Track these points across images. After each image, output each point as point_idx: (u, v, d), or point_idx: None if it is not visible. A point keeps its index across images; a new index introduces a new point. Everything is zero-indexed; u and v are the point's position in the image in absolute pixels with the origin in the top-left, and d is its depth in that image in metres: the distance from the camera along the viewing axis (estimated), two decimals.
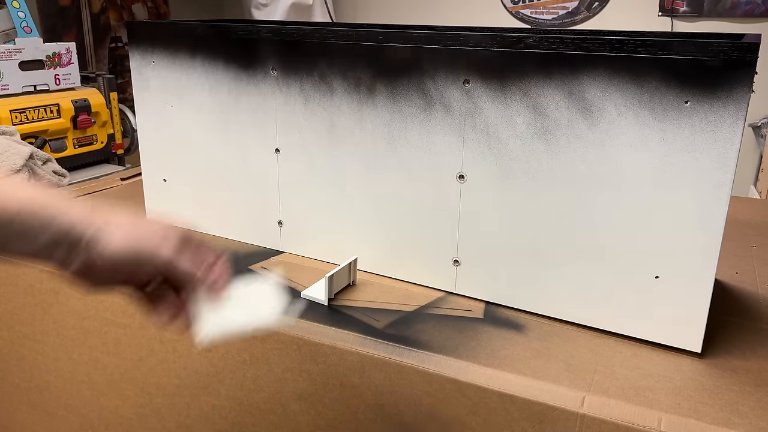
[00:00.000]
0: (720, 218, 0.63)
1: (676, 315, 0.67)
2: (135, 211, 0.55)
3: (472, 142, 0.74)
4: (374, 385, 0.69)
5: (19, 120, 1.21)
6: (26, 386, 1.01)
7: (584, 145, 0.68)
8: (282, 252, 0.94)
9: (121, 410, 0.91)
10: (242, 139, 0.92)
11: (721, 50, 0.59)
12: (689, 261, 0.65)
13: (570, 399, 0.60)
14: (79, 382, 0.94)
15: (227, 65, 0.90)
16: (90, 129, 1.34)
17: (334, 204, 0.87)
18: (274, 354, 0.75)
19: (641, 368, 0.65)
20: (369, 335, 0.71)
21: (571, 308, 0.73)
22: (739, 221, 1.09)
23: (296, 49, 0.83)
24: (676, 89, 0.62)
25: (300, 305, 0.76)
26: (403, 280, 0.85)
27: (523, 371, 0.64)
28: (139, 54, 0.99)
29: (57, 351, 0.95)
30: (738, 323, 0.75)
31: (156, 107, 1.00)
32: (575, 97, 0.67)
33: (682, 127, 0.62)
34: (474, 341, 0.70)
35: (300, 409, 0.75)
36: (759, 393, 0.61)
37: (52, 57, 1.31)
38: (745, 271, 0.90)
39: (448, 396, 0.65)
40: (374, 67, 0.78)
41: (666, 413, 0.58)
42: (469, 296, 0.80)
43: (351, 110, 0.81)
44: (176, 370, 0.83)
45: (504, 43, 0.69)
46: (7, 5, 1.30)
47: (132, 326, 0.85)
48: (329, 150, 0.85)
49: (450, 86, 0.74)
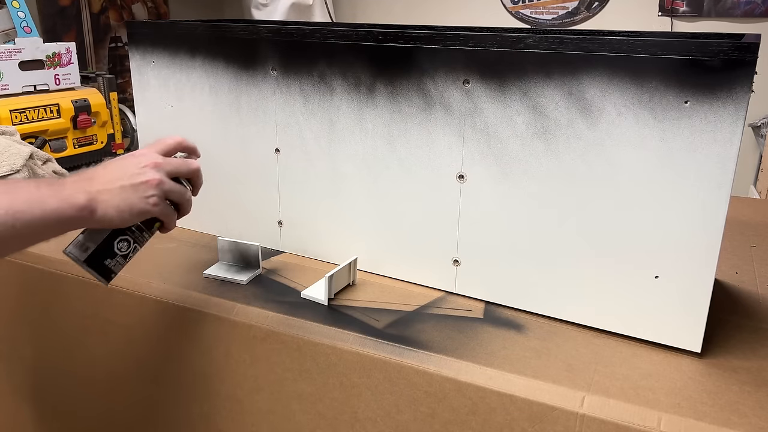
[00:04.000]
0: (720, 218, 0.63)
1: (676, 315, 0.67)
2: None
3: (472, 142, 0.74)
4: (374, 385, 0.69)
5: (19, 120, 1.21)
6: (27, 386, 1.02)
7: (584, 145, 0.68)
8: (282, 252, 0.94)
9: (121, 410, 0.91)
10: (242, 139, 0.92)
11: (721, 50, 0.59)
12: (689, 261, 0.65)
13: (570, 399, 0.60)
14: (80, 382, 0.94)
15: (227, 65, 0.90)
16: (90, 129, 1.34)
17: (334, 204, 0.87)
18: (274, 354, 0.75)
19: (641, 368, 0.65)
20: (369, 335, 0.71)
21: (571, 308, 0.73)
22: (739, 221, 1.09)
23: (296, 49, 0.83)
24: (675, 89, 0.62)
25: None
26: (403, 280, 0.85)
27: (523, 371, 0.64)
28: (139, 54, 0.99)
29: (57, 351, 0.95)
30: (738, 323, 0.75)
31: (156, 107, 1.00)
32: (575, 97, 0.67)
33: (681, 127, 0.62)
34: (474, 341, 0.70)
35: (300, 409, 0.75)
36: (759, 393, 0.61)
37: (52, 57, 1.31)
38: (745, 271, 0.90)
39: (448, 396, 0.65)
40: (374, 67, 0.78)
41: (666, 413, 0.58)
42: (469, 296, 0.80)
43: (351, 110, 0.81)
44: (176, 370, 0.83)
45: (504, 43, 0.69)
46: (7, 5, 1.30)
47: (132, 326, 0.85)
48: (329, 150, 0.85)
49: (450, 86, 0.74)
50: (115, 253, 0.66)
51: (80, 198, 0.58)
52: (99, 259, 0.65)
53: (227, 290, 0.81)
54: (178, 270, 0.87)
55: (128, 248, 0.66)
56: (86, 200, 0.58)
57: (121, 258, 0.66)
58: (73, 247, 0.65)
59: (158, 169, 0.63)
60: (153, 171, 0.63)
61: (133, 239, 0.66)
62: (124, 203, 0.60)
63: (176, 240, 0.98)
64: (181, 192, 0.66)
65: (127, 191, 0.61)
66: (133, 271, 0.86)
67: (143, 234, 0.67)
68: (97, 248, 0.65)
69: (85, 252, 0.64)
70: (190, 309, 0.79)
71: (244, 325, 0.76)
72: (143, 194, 0.62)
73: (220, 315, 0.77)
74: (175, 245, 0.96)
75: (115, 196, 0.60)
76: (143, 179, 0.62)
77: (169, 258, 0.92)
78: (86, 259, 0.64)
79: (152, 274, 0.86)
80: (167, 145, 0.67)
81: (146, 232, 0.67)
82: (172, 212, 0.66)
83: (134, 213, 0.62)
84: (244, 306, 0.77)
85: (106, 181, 0.60)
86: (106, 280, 0.66)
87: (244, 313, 0.77)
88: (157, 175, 0.63)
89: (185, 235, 1.01)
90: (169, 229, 0.68)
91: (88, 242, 0.65)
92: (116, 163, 0.63)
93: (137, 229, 0.66)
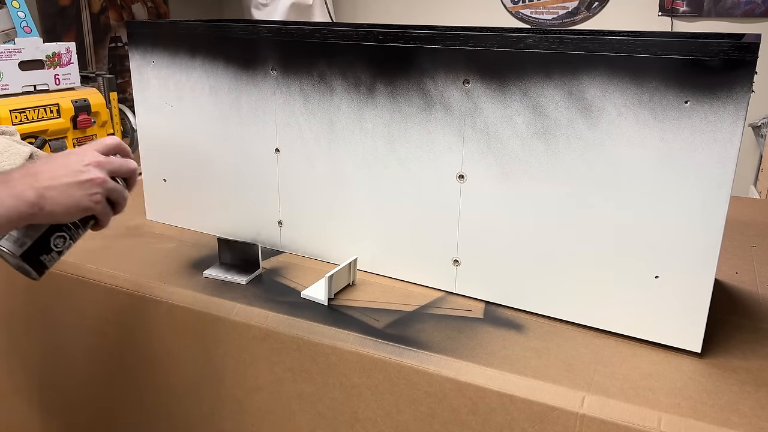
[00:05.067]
0: (720, 218, 0.63)
1: (676, 315, 0.67)
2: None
3: (472, 142, 0.74)
4: (374, 385, 0.69)
5: (19, 120, 1.21)
6: (27, 386, 1.02)
7: (584, 145, 0.68)
8: (282, 252, 0.94)
9: (121, 410, 0.91)
10: (242, 139, 0.92)
11: (721, 50, 0.59)
12: (689, 261, 0.65)
13: (570, 399, 0.60)
14: (80, 382, 0.94)
15: (227, 65, 0.90)
16: (90, 129, 1.34)
17: (334, 204, 0.87)
18: (274, 354, 0.75)
19: (641, 368, 0.65)
20: (369, 335, 0.71)
21: (571, 308, 0.73)
22: (739, 221, 1.09)
23: (296, 49, 0.83)
24: (675, 89, 0.62)
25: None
26: (403, 280, 0.85)
27: (523, 371, 0.64)
28: (139, 54, 0.99)
29: (57, 351, 0.95)
30: (738, 323, 0.75)
31: (156, 107, 1.00)
32: (575, 97, 0.67)
33: (682, 127, 0.62)
34: (474, 341, 0.70)
35: (300, 409, 0.75)
36: (759, 393, 0.61)
37: (52, 57, 1.31)
38: (745, 271, 0.90)
39: (448, 396, 0.65)
40: (374, 67, 0.78)
41: (666, 413, 0.58)
42: (469, 296, 0.80)
43: (351, 110, 0.81)
44: (176, 370, 0.83)
45: (504, 43, 0.69)
46: (7, 5, 1.30)
47: (132, 326, 0.85)
48: (329, 150, 0.85)
49: (450, 86, 0.74)
50: (51, 249, 0.66)
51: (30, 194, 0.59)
52: (35, 254, 0.65)
53: (227, 290, 0.81)
54: (178, 270, 0.87)
55: (63, 244, 0.67)
56: (35, 196, 0.59)
57: (56, 254, 0.66)
58: (6, 241, 0.64)
59: (101, 168, 0.64)
60: (97, 170, 0.64)
61: (69, 236, 0.67)
62: (70, 200, 0.61)
63: (176, 240, 0.98)
64: (120, 191, 0.67)
65: (72, 188, 0.61)
66: (133, 272, 0.86)
67: (78, 230, 0.67)
68: (33, 243, 0.64)
69: (21, 247, 0.64)
70: (190, 309, 0.79)
71: (244, 325, 0.76)
72: (87, 191, 0.62)
73: (220, 315, 0.77)
74: (175, 245, 0.96)
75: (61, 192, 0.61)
76: (88, 177, 0.63)
77: (169, 258, 0.92)
78: (22, 254, 0.64)
79: (152, 274, 0.86)
80: (107, 146, 0.68)
81: (81, 229, 0.68)
82: (109, 210, 0.67)
83: (79, 209, 0.63)
84: (244, 306, 0.77)
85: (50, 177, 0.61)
86: (38, 275, 0.66)
87: (244, 313, 0.77)
88: (101, 174, 0.64)
89: (185, 235, 1.01)
90: (103, 227, 0.69)
91: (25, 237, 0.64)
92: (59, 159, 0.63)
93: (74, 225, 0.66)
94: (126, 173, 0.68)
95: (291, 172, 0.89)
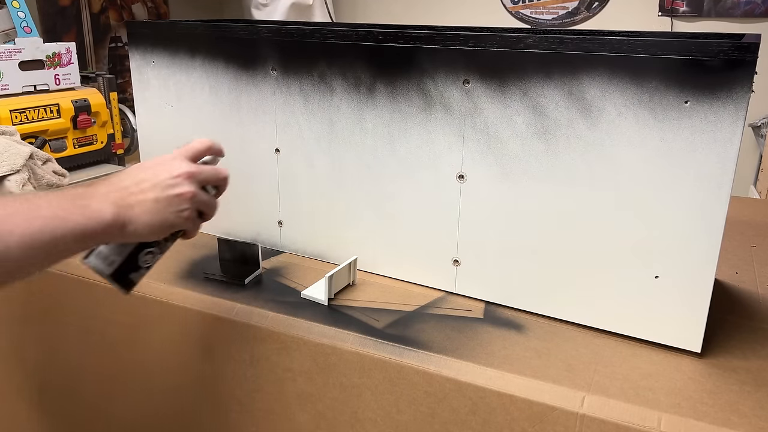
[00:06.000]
0: (720, 218, 0.63)
1: (676, 315, 0.67)
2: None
3: (472, 142, 0.74)
4: (374, 385, 0.69)
5: (19, 120, 1.21)
6: (27, 386, 1.01)
7: (584, 145, 0.68)
8: (282, 252, 0.94)
9: (121, 410, 0.91)
10: (242, 139, 0.92)
11: (721, 50, 0.59)
12: (689, 261, 0.65)
13: (570, 399, 0.60)
14: (80, 382, 0.94)
15: (227, 65, 0.90)
16: (90, 129, 1.34)
17: (334, 204, 0.87)
18: (274, 354, 0.75)
19: (641, 368, 0.65)
20: (369, 335, 0.71)
21: (571, 308, 0.73)
22: (739, 221, 1.09)
23: (296, 49, 0.83)
24: (675, 89, 0.62)
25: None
26: (403, 280, 0.85)
27: (523, 371, 0.64)
28: (139, 54, 0.99)
29: (58, 351, 0.95)
30: (738, 323, 0.75)
31: (156, 107, 1.00)
32: (575, 97, 0.67)
33: (681, 127, 0.62)
34: (474, 341, 0.70)
35: (300, 409, 0.75)
36: (759, 393, 0.61)
37: (52, 57, 1.31)
38: (745, 271, 0.90)
39: (448, 396, 0.65)
40: (374, 67, 0.78)
41: (666, 413, 0.58)
42: (469, 296, 0.80)
43: (351, 110, 0.81)
44: (176, 370, 0.83)
45: (504, 43, 0.69)
46: (7, 5, 1.30)
47: (132, 326, 0.85)
48: (329, 150, 0.85)
49: (450, 86, 0.74)
50: (140, 267, 0.63)
51: (108, 213, 0.54)
52: (124, 273, 0.62)
53: (227, 290, 0.81)
54: (178, 270, 0.87)
55: (152, 259, 0.64)
56: (114, 215, 0.54)
57: (144, 270, 0.64)
58: (96, 258, 0.61)
59: (192, 180, 0.60)
60: (187, 183, 0.59)
61: (159, 251, 0.64)
62: (157, 218, 0.57)
63: None
64: (210, 203, 0.63)
65: (160, 204, 0.57)
66: None
67: (167, 243, 0.64)
68: (123, 262, 0.61)
69: (111, 266, 0.61)
70: (190, 309, 0.79)
71: (244, 325, 0.76)
72: (177, 208, 0.58)
73: (220, 315, 0.77)
74: (174, 245, 0.96)
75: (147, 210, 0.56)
76: (178, 192, 0.58)
77: (169, 258, 0.92)
78: (112, 273, 0.61)
79: (152, 274, 0.85)
80: (197, 151, 0.63)
81: (170, 242, 0.65)
82: (199, 223, 0.63)
83: (165, 227, 0.58)
84: (244, 306, 0.77)
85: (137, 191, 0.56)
86: (126, 292, 0.63)
87: (244, 313, 0.77)
88: (191, 188, 0.59)
89: None
90: (191, 237, 0.65)
91: (113, 255, 0.61)
92: (147, 170, 0.58)
93: (164, 240, 0.63)
94: (217, 182, 0.63)
95: (291, 172, 0.89)
